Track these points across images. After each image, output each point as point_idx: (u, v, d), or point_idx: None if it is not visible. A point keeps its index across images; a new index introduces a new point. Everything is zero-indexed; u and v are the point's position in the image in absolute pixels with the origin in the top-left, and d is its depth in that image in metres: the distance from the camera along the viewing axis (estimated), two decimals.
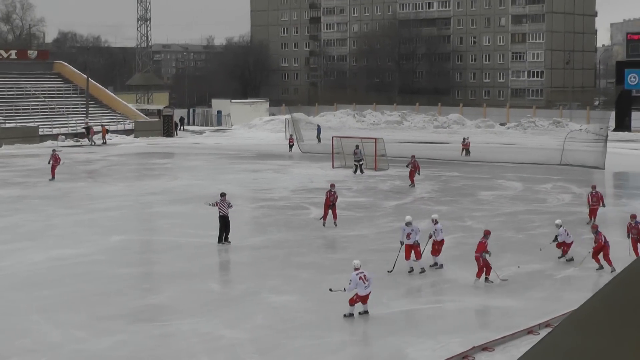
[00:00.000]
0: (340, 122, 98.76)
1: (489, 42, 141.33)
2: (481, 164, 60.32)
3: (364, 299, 22.01)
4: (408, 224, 27.44)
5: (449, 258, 29.04)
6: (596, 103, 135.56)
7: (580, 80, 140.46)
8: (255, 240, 33.75)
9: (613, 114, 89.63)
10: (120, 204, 42.22)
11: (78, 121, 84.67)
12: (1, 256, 29.71)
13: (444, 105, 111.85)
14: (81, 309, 23.05)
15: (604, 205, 36.28)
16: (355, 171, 53.65)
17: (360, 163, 53.82)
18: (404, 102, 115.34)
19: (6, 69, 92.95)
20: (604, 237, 27.13)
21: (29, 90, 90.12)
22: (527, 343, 19.10)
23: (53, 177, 50.31)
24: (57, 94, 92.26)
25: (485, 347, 19.64)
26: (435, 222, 28.23)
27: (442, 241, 28.09)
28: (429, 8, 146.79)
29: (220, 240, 31.89)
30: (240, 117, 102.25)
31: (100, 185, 49.42)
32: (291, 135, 73.32)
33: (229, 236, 31.95)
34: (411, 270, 26.94)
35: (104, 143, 79.19)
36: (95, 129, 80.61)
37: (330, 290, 22.82)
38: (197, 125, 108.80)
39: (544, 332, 20.00)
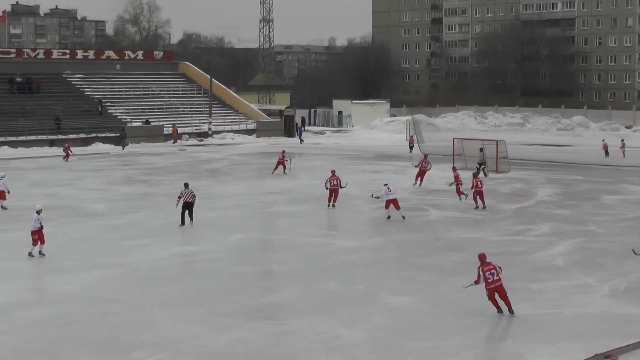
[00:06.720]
0: (461, 123, 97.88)
1: (615, 43, 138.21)
2: (604, 168, 59.13)
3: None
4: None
5: (570, 263, 28.57)
6: None
7: None
8: (374, 241, 33.78)
9: None
10: (240, 202, 42.72)
11: (202, 121, 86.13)
12: (126, 252, 30.41)
13: (567, 107, 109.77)
14: (201, 305, 23.39)
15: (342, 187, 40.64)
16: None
17: (483, 166, 53.18)
18: (526, 104, 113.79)
19: (133, 69, 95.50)
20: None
21: (155, 90, 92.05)
22: None
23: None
24: (182, 93, 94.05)
25: (608, 355, 19.15)
26: None
27: None
28: (553, 9, 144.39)
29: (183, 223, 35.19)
30: (361, 118, 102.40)
31: (221, 184, 50.09)
32: (412, 136, 73.03)
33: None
34: None
35: (175, 142, 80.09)
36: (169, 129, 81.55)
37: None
38: (318, 125, 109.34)
39: None
